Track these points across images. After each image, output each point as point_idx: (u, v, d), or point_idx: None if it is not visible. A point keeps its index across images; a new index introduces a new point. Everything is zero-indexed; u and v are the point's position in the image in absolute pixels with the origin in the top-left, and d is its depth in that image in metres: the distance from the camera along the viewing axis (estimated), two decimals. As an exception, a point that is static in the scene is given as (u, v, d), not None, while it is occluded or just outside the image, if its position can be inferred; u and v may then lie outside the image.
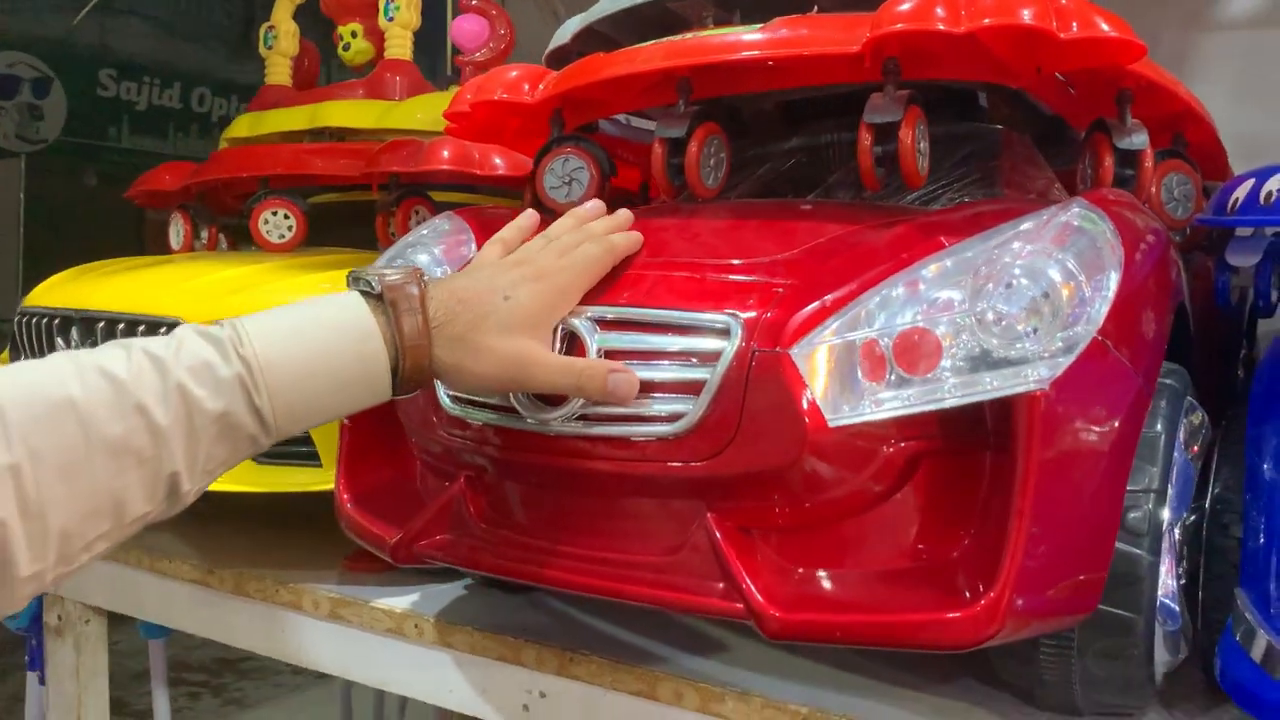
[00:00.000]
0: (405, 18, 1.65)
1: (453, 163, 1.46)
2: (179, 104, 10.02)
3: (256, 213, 1.55)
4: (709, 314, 0.86)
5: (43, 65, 8.92)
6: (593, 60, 1.15)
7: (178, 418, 0.67)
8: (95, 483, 0.65)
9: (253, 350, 0.70)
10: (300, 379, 0.71)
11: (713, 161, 1.12)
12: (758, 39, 1.02)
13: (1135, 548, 0.89)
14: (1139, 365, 0.88)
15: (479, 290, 0.81)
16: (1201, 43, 2.02)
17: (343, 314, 0.74)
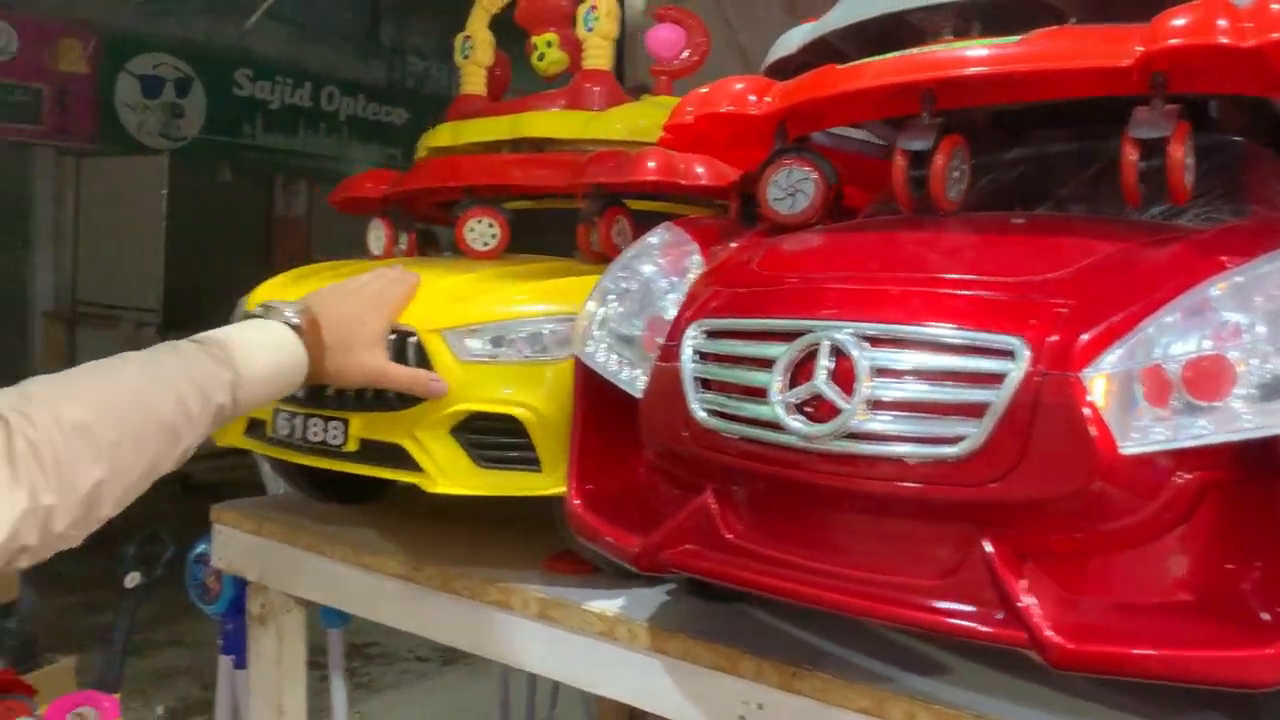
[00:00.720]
0: (605, 28, 1.67)
1: (659, 173, 1.47)
2: (309, 102, 10.35)
3: (462, 221, 1.59)
4: (992, 334, 0.84)
5: (185, 66, 9.32)
6: (828, 73, 1.14)
7: (203, 408, 1.02)
8: (152, 455, 0.98)
9: (235, 363, 1.08)
10: (261, 384, 1.11)
11: (956, 174, 1.10)
12: (1017, 52, 1.00)
13: None
14: None
15: (345, 317, 1.23)
16: None
17: (284, 343, 1.16)
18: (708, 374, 0.98)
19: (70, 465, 0.90)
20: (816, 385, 0.89)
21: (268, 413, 1.46)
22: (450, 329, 1.34)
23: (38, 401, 0.91)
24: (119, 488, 0.95)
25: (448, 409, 1.33)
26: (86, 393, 0.96)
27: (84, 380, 0.97)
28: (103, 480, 0.92)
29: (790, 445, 0.91)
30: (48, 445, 0.89)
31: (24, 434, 0.88)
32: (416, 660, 4.84)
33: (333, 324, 1.21)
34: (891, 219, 1.15)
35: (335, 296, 1.27)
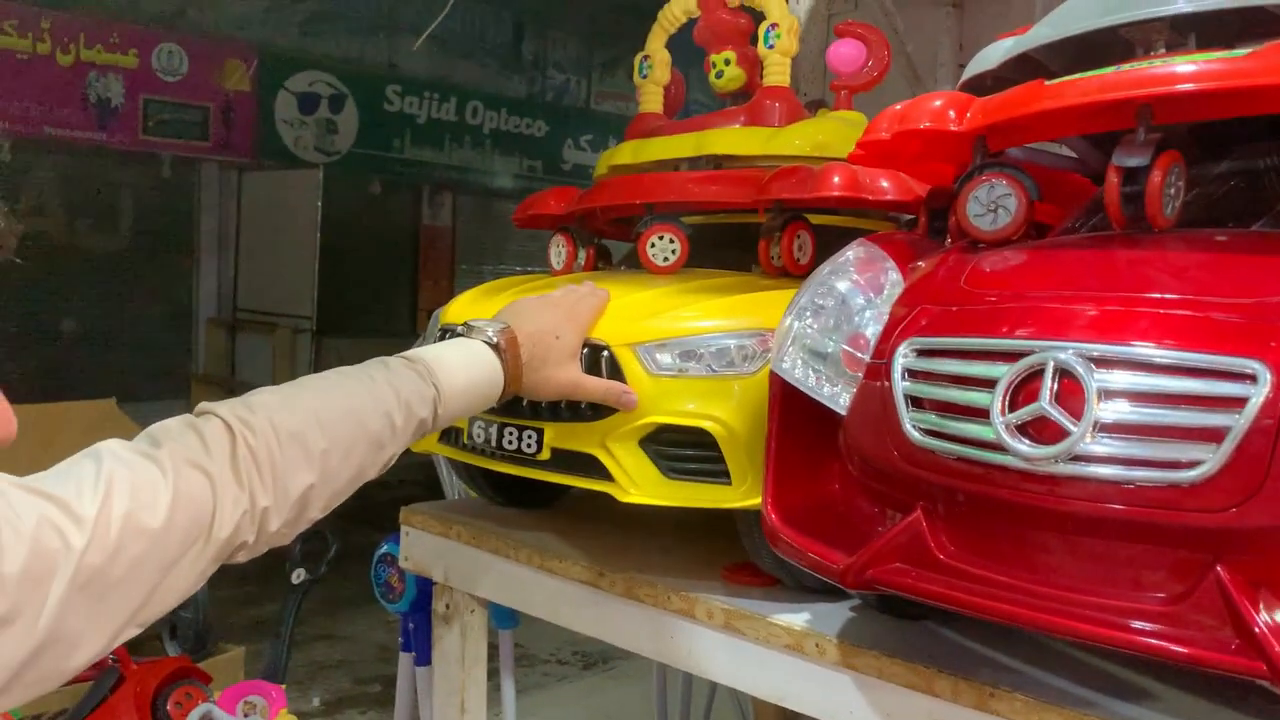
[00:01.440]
0: (785, 45, 1.68)
1: (843, 188, 1.47)
2: (454, 116, 10.67)
3: (645, 237, 1.63)
4: (1230, 357, 0.83)
5: (338, 83, 9.72)
6: (1036, 89, 1.13)
7: (406, 421, 1.11)
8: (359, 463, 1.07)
9: (438, 380, 1.15)
10: (460, 399, 1.19)
11: (1173, 191, 1.08)
12: (1247, 66, 0.98)
13: None
14: None
15: (542, 332, 1.30)
16: None
17: (483, 361, 1.24)
18: (920, 393, 0.99)
19: (285, 471, 0.99)
20: (1042, 407, 0.88)
21: (463, 420, 1.53)
22: (641, 344, 1.37)
23: (259, 411, 1.00)
24: (328, 492, 1.04)
25: (638, 420, 1.36)
26: (303, 405, 1.04)
27: (301, 393, 1.06)
28: (313, 485, 1.01)
29: (1011, 466, 0.90)
30: (265, 452, 0.97)
31: (246, 440, 0.97)
32: (557, 663, 4.94)
33: (529, 340, 1.28)
34: (1102, 236, 1.13)
35: (531, 312, 1.33)
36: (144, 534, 0.85)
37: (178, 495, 0.88)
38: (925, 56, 2.51)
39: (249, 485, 0.96)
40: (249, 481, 0.96)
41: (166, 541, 0.87)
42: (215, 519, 0.92)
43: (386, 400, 1.09)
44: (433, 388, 1.15)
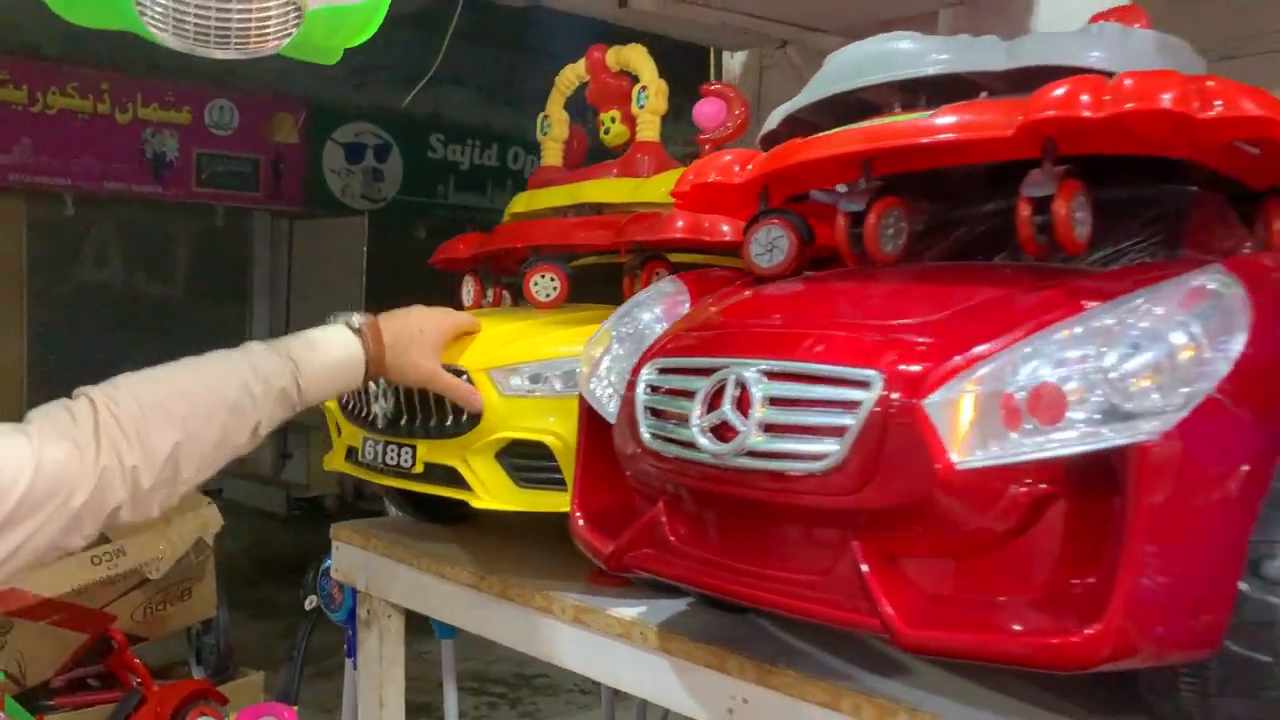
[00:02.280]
0: (654, 105, 1.89)
1: (686, 231, 1.67)
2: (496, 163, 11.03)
3: (528, 276, 1.84)
4: (851, 368, 1.01)
5: (383, 132, 10.14)
6: (791, 145, 1.33)
7: (265, 391, 1.26)
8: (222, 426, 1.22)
9: (294, 356, 1.32)
10: (322, 374, 1.35)
11: (891, 231, 1.26)
12: (927, 125, 1.16)
13: (1271, 595, 0.95)
14: (1264, 422, 0.94)
15: (408, 325, 1.49)
16: None
17: (343, 341, 1.41)
18: (655, 404, 1.18)
19: (149, 432, 1.14)
20: (723, 411, 1.07)
21: (359, 440, 1.75)
22: (496, 368, 1.58)
23: (123, 386, 1.17)
24: (195, 452, 1.18)
25: (492, 436, 1.57)
26: (164, 378, 1.21)
27: (162, 371, 1.23)
28: (179, 443, 1.16)
29: (706, 462, 1.09)
30: (129, 417, 1.13)
31: (109, 409, 1.12)
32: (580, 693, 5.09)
33: (394, 329, 1.47)
34: (840, 271, 1.32)
35: (402, 312, 1.55)
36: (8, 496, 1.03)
37: (40, 461, 1.05)
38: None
39: (114, 447, 1.10)
40: (114, 444, 1.10)
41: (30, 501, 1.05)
42: (78, 482, 1.07)
43: (243, 373, 1.25)
44: (290, 361, 1.31)
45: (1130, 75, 1.05)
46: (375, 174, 10.49)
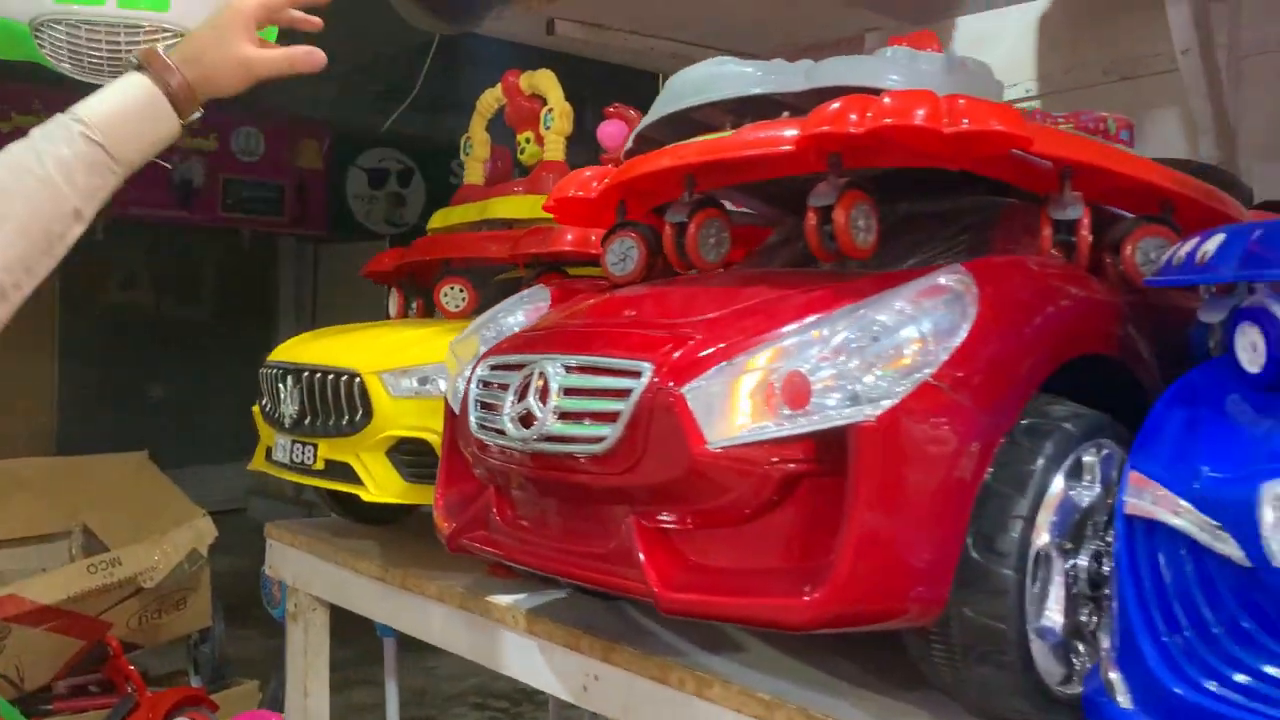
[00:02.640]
0: (559, 126, 2.02)
1: (574, 245, 1.79)
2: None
3: (438, 288, 1.96)
4: (630, 359, 1.11)
5: (406, 158, 10.37)
6: (630, 162, 1.44)
7: (75, 155, 1.10)
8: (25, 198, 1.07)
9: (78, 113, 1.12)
10: (118, 121, 1.13)
11: (712, 240, 1.37)
12: (725, 142, 1.27)
13: (1002, 566, 1.04)
14: (985, 408, 1.03)
15: (200, 31, 1.23)
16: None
17: (124, 81, 1.16)
18: (483, 397, 1.29)
19: None
20: (527, 402, 1.18)
21: (274, 440, 1.87)
22: (388, 371, 1.70)
23: None
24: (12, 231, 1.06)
25: (382, 434, 1.69)
26: None
27: None
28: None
29: (515, 448, 1.20)
30: None
31: None
32: (580, 709, 5.16)
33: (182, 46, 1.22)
34: (667, 279, 1.43)
35: None
36: None
37: None
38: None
39: None
40: None
41: None
42: None
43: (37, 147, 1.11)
44: (76, 122, 1.12)
45: (892, 94, 1.15)
46: (398, 199, 10.69)
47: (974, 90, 1.26)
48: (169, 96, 1.17)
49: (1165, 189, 1.27)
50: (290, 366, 1.82)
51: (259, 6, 1.23)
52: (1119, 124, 1.53)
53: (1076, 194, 1.23)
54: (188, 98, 1.19)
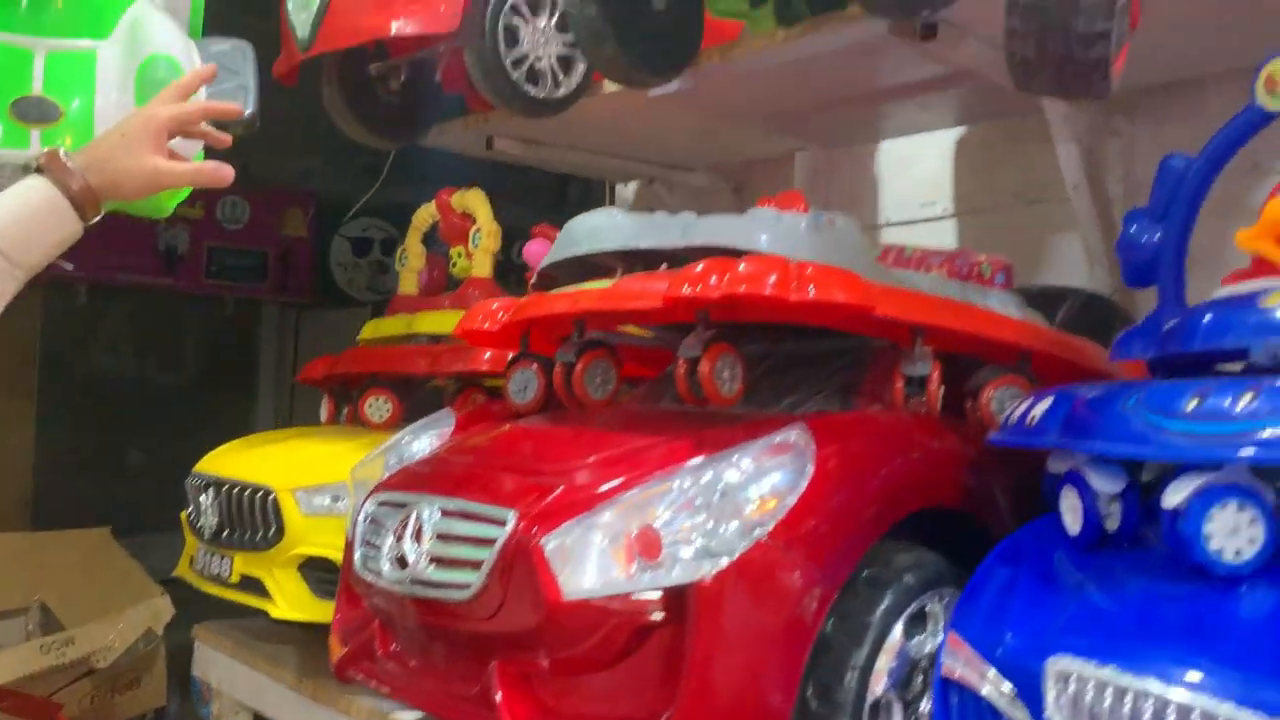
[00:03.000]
0: (486, 244, 2.10)
1: (489, 365, 1.86)
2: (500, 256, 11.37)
3: (363, 399, 2.03)
4: (496, 507, 1.17)
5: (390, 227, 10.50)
6: (528, 301, 1.51)
7: None
8: None
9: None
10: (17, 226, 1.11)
11: (599, 379, 1.44)
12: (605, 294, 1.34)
13: (838, 716, 1.09)
14: (822, 562, 1.09)
15: (108, 136, 1.19)
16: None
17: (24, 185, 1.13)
18: (366, 533, 1.35)
19: None
20: (403, 543, 1.24)
21: (195, 549, 1.92)
22: (301, 488, 1.76)
23: None
24: None
25: (293, 551, 1.74)
26: None
27: None
28: None
29: (392, 590, 1.25)
30: None
31: None
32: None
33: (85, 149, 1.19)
34: (552, 414, 1.50)
35: None
36: None
37: None
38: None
39: None
40: None
41: None
42: None
43: None
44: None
45: (749, 260, 1.23)
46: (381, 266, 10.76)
47: (837, 248, 1.35)
48: (70, 200, 1.15)
49: (1016, 344, 1.35)
50: (212, 479, 1.88)
51: (170, 119, 1.20)
52: (994, 267, 1.61)
53: (927, 350, 1.30)
54: (90, 201, 1.16)
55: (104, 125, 1.53)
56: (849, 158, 2.66)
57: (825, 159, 2.67)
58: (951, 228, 2.52)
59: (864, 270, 1.37)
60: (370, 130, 2.31)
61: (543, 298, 1.48)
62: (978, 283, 1.59)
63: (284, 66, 2.10)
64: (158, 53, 1.56)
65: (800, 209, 1.38)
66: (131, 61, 1.55)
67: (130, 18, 1.58)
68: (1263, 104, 1.16)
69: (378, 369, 2.04)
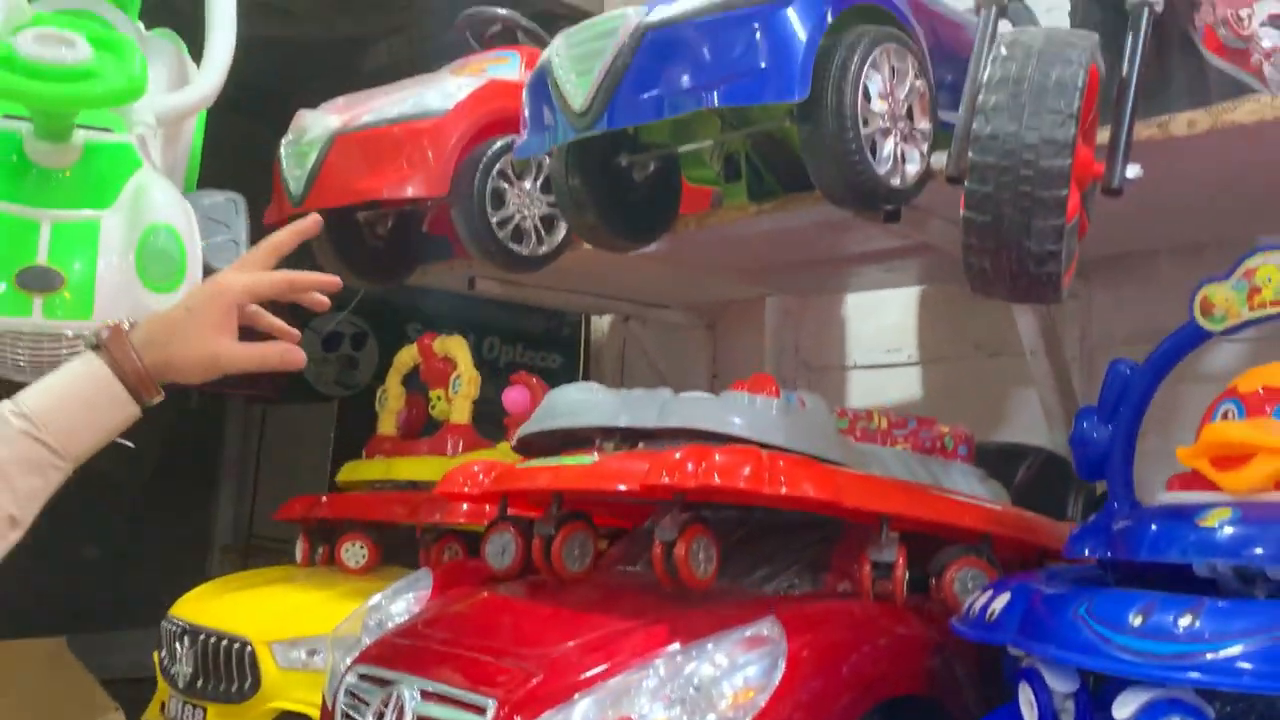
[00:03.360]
0: (466, 390, 2.16)
1: (466, 517, 1.90)
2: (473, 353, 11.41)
3: (340, 544, 2.06)
4: (476, 694, 1.21)
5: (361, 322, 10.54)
6: (507, 474, 1.57)
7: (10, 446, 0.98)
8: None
9: (26, 408, 1.00)
10: (64, 413, 1.01)
11: (577, 552, 1.49)
12: (585, 473, 1.40)
13: None
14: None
15: (173, 312, 1.08)
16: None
17: (78, 363, 1.04)
18: (349, 708, 1.37)
19: None
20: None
21: (167, 696, 1.93)
22: (278, 641, 1.78)
23: None
24: None
25: (267, 706, 1.75)
26: None
27: None
28: None
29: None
30: None
31: None
32: None
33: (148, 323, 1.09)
34: (533, 584, 1.54)
35: None
36: None
37: None
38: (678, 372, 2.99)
39: None
40: None
41: None
42: None
43: None
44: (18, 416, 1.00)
45: (726, 451, 1.29)
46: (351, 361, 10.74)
47: (807, 430, 1.42)
48: (124, 382, 1.04)
49: (976, 529, 1.41)
50: (188, 626, 1.89)
51: (244, 291, 1.09)
52: (956, 439, 1.69)
53: (893, 536, 1.36)
54: (146, 384, 1.05)
55: (104, 289, 1.59)
56: (818, 304, 2.76)
57: (795, 304, 2.77)
58: (916, 374, 2.62)
59: (833, 450, 1.45)
60: (355, 273, 2.38)
61: (524, 471, 1.53)
62: (941, 456, 1.67)
63: (275, 216, 2.18)
64: (158, 222, 1.63)
65: (771, 392, 1.45)
66: (133, 230, 1.61)
67: (133, 186, 1.65)
68: (1200, 324, 1.26)
69: (356, 515, 2.08)
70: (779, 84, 1.41)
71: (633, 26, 1.50)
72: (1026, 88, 1.17)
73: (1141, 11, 1.31)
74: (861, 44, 1.45)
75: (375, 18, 4.56)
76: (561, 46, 1.60)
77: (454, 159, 1.97)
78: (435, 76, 2.24)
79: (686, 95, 1.46)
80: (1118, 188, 1.26)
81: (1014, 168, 1.16)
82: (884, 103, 1.47)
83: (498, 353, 11.24)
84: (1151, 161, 1.40)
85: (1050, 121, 1.15)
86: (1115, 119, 1.28)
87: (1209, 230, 2.00)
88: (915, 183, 1.54)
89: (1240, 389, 1.18)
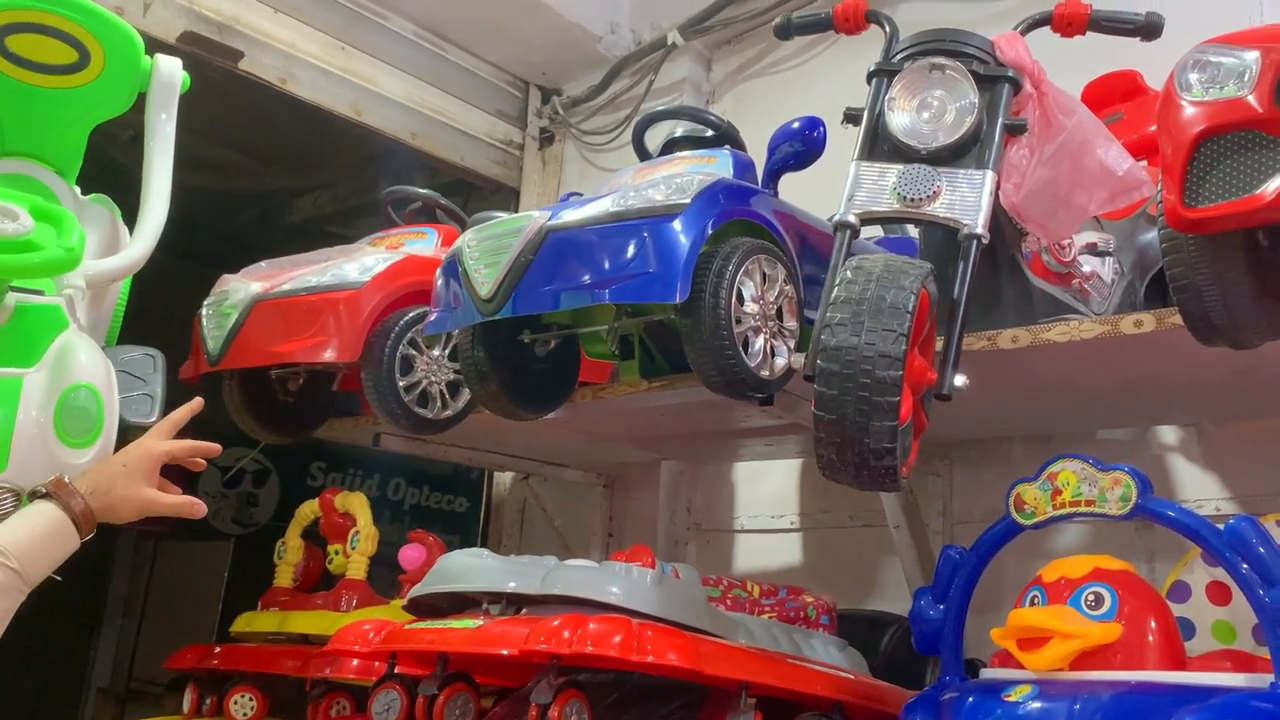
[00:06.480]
0: (364, 547, 2.25)
1: (356, 672, 1.96)
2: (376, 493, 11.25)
3: (229, 695, 2.09)
4: None
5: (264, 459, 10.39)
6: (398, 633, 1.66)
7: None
8: None
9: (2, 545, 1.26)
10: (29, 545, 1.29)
11: (459, 712, 1.57)
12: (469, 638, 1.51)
13: None
14: None
15: (110, 466, 1.44)
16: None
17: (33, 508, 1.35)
18: None
19: None
20: None
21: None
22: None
23: None
24: None
25: None
26: None
27: None
28: None
29: None
30: None
31: None
32: None
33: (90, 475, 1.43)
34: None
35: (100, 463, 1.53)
36: None
37: None
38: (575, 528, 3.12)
39: None
40: None
41: None
42: None
43: None
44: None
45: (600, 620, 1.42)
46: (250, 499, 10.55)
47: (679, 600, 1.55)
48: (75, 523, 1.35)
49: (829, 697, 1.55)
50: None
51: (165, 453, 1.48)
52: (819, 609, 1.84)
53: (751, 702, 1.49)
54: (88, 523, 1.37)
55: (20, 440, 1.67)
56: (710, 470, 2.94)
57: (688, 469, 2.94)
58: (798, 540, 2.78)
59: (702, 619, 1.58)
60: (264, 427, 2.48)
61: (412, 632, 1.63)
62: (804, 625, 1.81)
63: (190, 372, 2.28)
64: (79, 381, 1.72)
65: (647, 563, 1.58)
66: (55, 388, 1.69)
67: (58, 346, 1.74)
68: (1014, 519, 1.44)
69: (248, 666, 2.12)
70: (664, 286, 1.59)
71: (537, 227, 1.68)
72: (865, 308, 1.36)
73: (970, 243, 1.52)
74: (737, 253, 1.65)
75: (302, 174, 4.76)
76: (473, 238, 1.78)
77: (367, 328, 2.11)
78: (355, 248, 2.40)
79: (582, 290, 1.64)
80: (947, 394, 1.45)
81: (854, 375, 1.34)
82: (755, 305, 1.67)
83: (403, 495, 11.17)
84: (984, 368, 1.62)
85: (884, 338, 1.34)
86: (946, 335, 1.48)
87: (1051, 423, 2.24)
88: (782, 375, 1.72)
89: (1044, 578, 1.35)
